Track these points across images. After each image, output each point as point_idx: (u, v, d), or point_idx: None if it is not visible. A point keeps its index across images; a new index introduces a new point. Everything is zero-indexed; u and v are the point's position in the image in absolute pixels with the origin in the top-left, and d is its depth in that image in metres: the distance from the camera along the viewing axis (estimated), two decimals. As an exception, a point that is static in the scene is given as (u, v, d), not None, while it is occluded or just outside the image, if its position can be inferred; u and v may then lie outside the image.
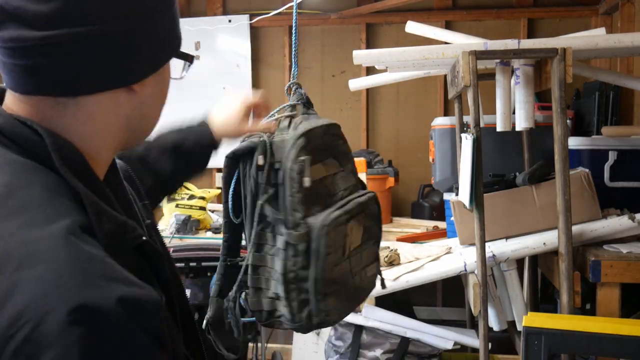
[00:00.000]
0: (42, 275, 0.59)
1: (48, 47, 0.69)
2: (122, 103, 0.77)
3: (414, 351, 2.44)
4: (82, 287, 0.59)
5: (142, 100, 0.79)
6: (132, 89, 0.77)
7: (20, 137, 0.71)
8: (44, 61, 0.70)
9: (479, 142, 2.03)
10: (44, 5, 0.68)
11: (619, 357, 1.80)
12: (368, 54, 2.54)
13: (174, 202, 3.57)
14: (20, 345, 0.56)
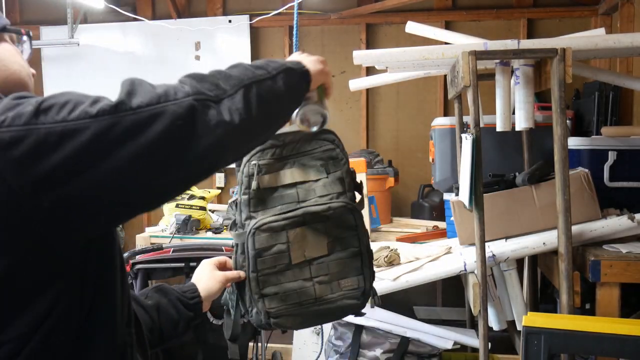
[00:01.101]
0: None
1: None
2: None
3: (414, 351, 2.44)
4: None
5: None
6: None
7: None
8: None
9: (479, 142, 2.03)
10: None
11: (619, 357, 1.80)
12: (368, 54, 2.55)
13: (174, 202, 3.57)
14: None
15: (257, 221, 1.27)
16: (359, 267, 1.33)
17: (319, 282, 1.30)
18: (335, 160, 1.35)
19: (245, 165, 1.29)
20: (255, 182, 1.28)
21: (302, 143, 1.32)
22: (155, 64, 4.57)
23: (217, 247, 2.72)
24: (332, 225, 1.30)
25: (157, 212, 4.18)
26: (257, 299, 1.28)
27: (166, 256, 2.63)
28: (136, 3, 4.70)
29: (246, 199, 1.30)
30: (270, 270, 1.28)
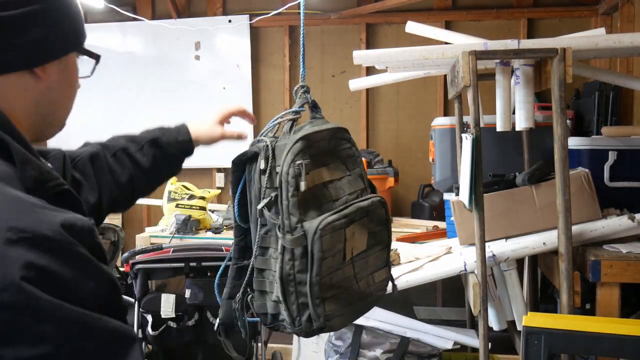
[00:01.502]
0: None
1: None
2: (29, 87, 0.85)
3: (414, 351, 2.44)
4: (17, 214, 0.65)
5: (48, 87, 0.87)
6: (35, 73, 0.85)
7: None
8: None
9: (479, 142, 2.03)
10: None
11: (619, 357, 1.80)
12: (368, 54, 2.55)
13: (174, 202, 3.58)
14: None
15: (320, 222, 1.21)
16: (386, 259, 1.37)
17: (360, 278, 1.30)
18: (353, 158, 1.37)
19: (290, 166, 1.23)
20: (303, 183, 1.23)
21: (324, 142, 1.32)
22: (155, 63, 4.57)
23: (217, 247, 2.72)
24: (370, 219, 1.33)
25: (157, 212, 4.18)
26: (318, 303, 1.22)
27: (166, 256, 2.63)
28: (136, 3, 4.70)
29: (295, 201, 1.22)
30: (330, 272, 1.23)
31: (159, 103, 4.47)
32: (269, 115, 3.61)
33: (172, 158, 1.39)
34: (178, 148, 1.39)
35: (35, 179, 0.73)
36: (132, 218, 4.72)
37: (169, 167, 1.42)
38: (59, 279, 0.63)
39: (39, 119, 0.88)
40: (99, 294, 0.68)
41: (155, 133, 1.39)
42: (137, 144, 1.35)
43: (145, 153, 1.35)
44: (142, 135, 1.38)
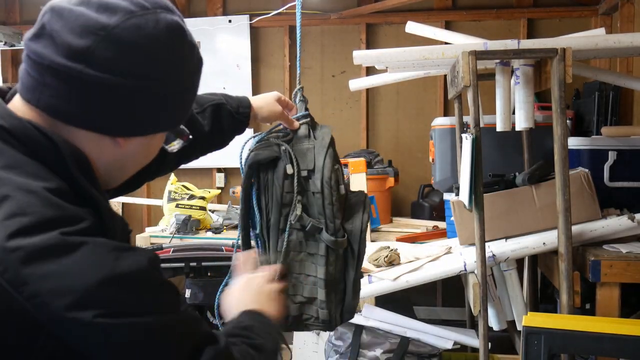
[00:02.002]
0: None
1: (59, 73, 0.76)
2: (106, 149, 0.84)
3: (414, 351, 2.44)
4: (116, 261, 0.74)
5: (124, 154, 0.86)
6: (117, 141, 0.84)
7: (31, 139, 0.77)
8: (52, 82, 0.77)
9: (479, 142, 2.03)
10: (77, 40, 0.76)
11: (619, 357, 1.80)
12: (368, 54, 2.55)
13: (174, 202, 3.57)
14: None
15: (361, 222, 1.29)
16: None
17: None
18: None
19: (332, 172, 1.27)
20: (343, 186, 1.29)
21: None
22: (155, 64, 4.56)
23: (217, 247, 2.72)
24: None
25: (157, 212, 4.18)
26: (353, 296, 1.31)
27: (166, 256, 2.63)
28: (136, 3, 4.70)
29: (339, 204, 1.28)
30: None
31: (159, 103, 4.46)
32: (269, 115, 3.60)
33: (228, 129, 1.33)
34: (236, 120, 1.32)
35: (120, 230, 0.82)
36: (132, 218, 4.72)
37: (222, 138, 1.34)
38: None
39: (103, 174, 0.87)
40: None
41: (220, 98, 1.32)
42: (200, 105, 1.29)
43: (207, 116, 1.29)
44: (206, 97, 1.31)
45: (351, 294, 1.30)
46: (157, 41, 0.80)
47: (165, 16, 0.82)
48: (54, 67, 0.76)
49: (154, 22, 0.80)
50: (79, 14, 0.77)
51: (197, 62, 0.89)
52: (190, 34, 0.88)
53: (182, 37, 0.85)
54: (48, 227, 0.72)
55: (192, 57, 0.88)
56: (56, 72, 0.76)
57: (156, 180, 4.40)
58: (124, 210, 4.75)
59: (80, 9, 0.77)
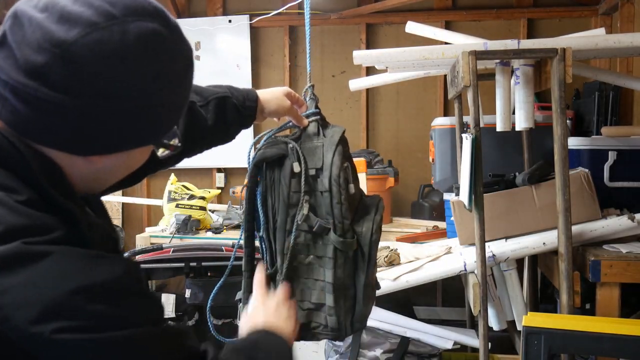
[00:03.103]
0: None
1: (18, 91, 0.71)
2: (79, 166, 0.79)
3: (414, 351, 2.44)
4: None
5: (98, 170, 0.80)
6: (89, 159, 0.78)
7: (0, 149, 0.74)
8: (12, 100, 0.72)
9: (478, 142, 2.03)
10: (34, 55, 0.70)
11: (619, 357, 1.80)
12: (368, 54, 2.55)
13: (174, 202, 3.58)
14: None
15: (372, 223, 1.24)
16: None
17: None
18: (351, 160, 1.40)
19: (340, 170, 1.22)
20: (352, 185, 1.24)
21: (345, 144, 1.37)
22: (155, 64, 4.56)
23: (217, 247, 2.72)
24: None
25: (157, 212, 4.18)
26: (367, 303, 1.24)
27: (166, 256, 2.63)
28: (136, 3, 4.70)
29: (348, 204, 1.22)
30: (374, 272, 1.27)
31: (159, 103, 4.46)
32: (269, 115, 3.60)
33: (233, 123, 1.25)
34: (241, 114, 1.25)
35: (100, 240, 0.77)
36: (132, 218, 4.72)
37: (227, 132, 1.27)
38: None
39: (81, 185, 0.82)
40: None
41: (225, 91, 1.24)
42: (204, 98, 1.21)
43: (210, 110, 1.21)
44: (210, 89, 1.23)
45: (362, 300, 1.22)
46: (121, 56, 0.71)
47: (138, 24, 0.73)
48: (13, 83, 0.71)
49: (120, 34, 0.71)
50: (37, 24, 0.70)
51: (182, 70, 0.81)
52: (174, 38, 0.78)
53: (157, 47, 0.75)
54: (11, 237, 0.67)
55: (172, 66, 0.78)
56: (14, 89, 0.71)
57: (156, 180, 4.41)
58: (124, 210, 4.74)
59: (41, 17, 0.71)
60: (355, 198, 1.26)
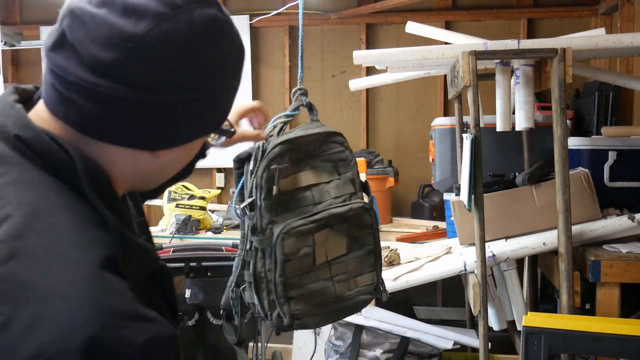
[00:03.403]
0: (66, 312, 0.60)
1: (86, 90, 0.69)
2: (144, 162, 0.76)
3: (414, 351, 2.44)
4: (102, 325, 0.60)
5: (163, 163, 0.78)
6: (156, 153, 0.76)
7: (49, 153, 0.70)
8: (78, 100, 0.69)
9: (478, 141, 2.03)
10: (102, 52, 0.67)
11: (619, 357, 1.80)
12: (368, 54, 2.55)
13: (174, 202, 3.57)
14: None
15: (284, 226, 1.26)
16: (373, 264, 1.38)
17: (338, 281, 1.33)
18: (345, 162, 1.37)
19: (265, 170, 1.27)
20: (276, 187, 1.27)
21: (314, 146, 1.33)
22: (155, 64, 4.56)
23: (217, 247, 2.72)
24: (351, 225, 1.33)
25: (157, 212, 4.18)
26: (283, 302, 1.27)
27: (166, 256, 2.63)
28: (136, 3, 4.69)
29: (267, 204, 1.27)
30: (296, 273, 1.28)
31: (159, 103, 4.46)
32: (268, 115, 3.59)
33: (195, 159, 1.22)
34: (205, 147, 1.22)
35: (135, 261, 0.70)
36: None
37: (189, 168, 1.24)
38: None
39: (138, 183, 0.80)
40: None
41: None
42: None
43: None
44: None
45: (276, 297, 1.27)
46: (192, 47, 0.70)
47: (200, 12, 0.71)
48: (79, 82, 0.68)
49: (187, 23, 0.70)
50: (102, 20, 0.68)
51: (238, 54, 0.79)
52: (230, 22, 0.76)
53: (221, 32, 0.74)
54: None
55: (232, 51, 0.77)
56: (82, 89, 0.68)
57: (156, 180, 4.32)
58: (124, 210, 4.74)
59: (103, 12, 0.68)
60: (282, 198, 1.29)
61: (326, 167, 1.35)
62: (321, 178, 1.33)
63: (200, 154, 1.13)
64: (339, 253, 1.33)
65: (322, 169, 1.34)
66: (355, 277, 1.36)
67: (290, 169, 1.30)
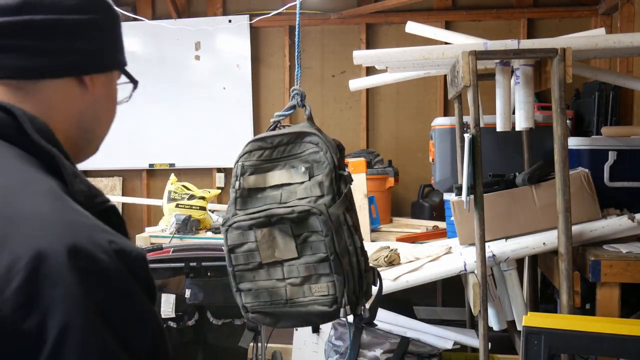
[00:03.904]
0: (32, 226, 0.61)
1: (8, 32, 0.76)
2: (76, 96, 0.83)
3: (414, 351, 2.44)
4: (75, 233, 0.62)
5: (94, 99, 0.85)
6: (83, 82, 0.83)
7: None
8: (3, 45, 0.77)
9: (477, 141, 2.03)
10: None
11: (619, 357, 1.80)
12: (368, 54, 2.55)
13: (174, 202, 3.58)
14: (21, 284, 0.57)
15: (228, 219, 1.37)
16: (329, 274, 1.31)
17: (290, 284, 1.34)
18: (319, 164, 1.34)
19: (235, 166, 1.37)
20: (238, 182, 1.37)
21: (292, 146, 1.35)
22: (155, 64, 4.57)
23: (217, 247, 2.72)
24: (297, 228, 1.31)
25: (157, 212, 4.18)
26: (235, 292, 1.39)
27: (166, 256, 2.63)
28: (136, 3, 4.70)
29: (233, 197, 1.39)
30: (244, 267, 1.36)
31: (159, 103, 4.47)
32: (268, 115, 3.59)
33: None
34: None
35: (85, 194, 0.70)
36: (132, 218, 4.72)
37: None
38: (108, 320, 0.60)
39: (79, 133, 0.85)
40: (143, 345, 0.63)
41: None
42: None
43: None
44: None
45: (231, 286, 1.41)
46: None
47: None
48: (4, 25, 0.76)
49: None
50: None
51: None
52: None
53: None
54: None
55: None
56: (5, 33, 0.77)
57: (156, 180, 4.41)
58: (124, 210, 4.75)
59: None
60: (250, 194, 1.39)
61: (301, 169, 1.35)
62: (294, 179, 1.36)
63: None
64: (289, 255, 1.32)
65: (297, 170, 1.36)
66: (310, 285, 1.32)
67: (262, 166, 1.36)
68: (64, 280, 0.58)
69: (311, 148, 1.35)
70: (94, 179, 4.62)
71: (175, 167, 4.46)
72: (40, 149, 0.72)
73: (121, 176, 4.76)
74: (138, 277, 0.64)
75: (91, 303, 0.58)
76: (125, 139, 4.30)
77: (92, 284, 0.59)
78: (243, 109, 4.52)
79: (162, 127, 4.55)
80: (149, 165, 4.62)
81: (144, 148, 4.60)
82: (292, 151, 1.35)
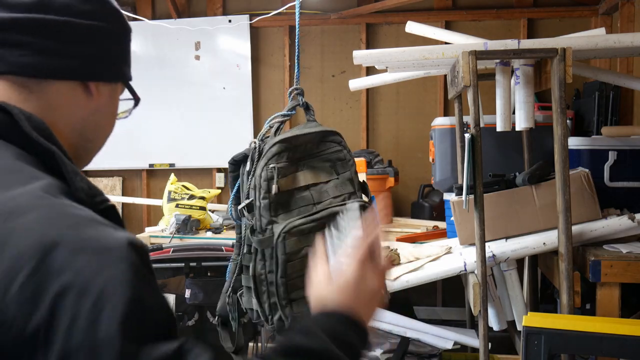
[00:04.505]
0: (34, 220, 0.61)
1: (20, 28, 0.76)
2: (80, 102, 0.82)
3: (414, 351, 2.44)
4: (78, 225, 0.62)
5: (97, 107, 0.85)
6: (89, 89, 0.83)
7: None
8: (14, 40, 0.76)
9: (477, 141, 2.03)
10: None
11: (619, 357, 1.80)
12: (368, 54, 2.54)
13: (174, 202, 3.57)
14: (27, 278, 0.58)
15: (285, 225, 1.25)
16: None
17: None
18: (343, 162, 1.36)
19: (263, 170, 1.28)
20: (275, 186, 1.27)
21: (311, 145, 1.33)
22: (155, 64, 4.57)
23: (217, 247, 2.72)
24: None
25: (157, 212, 4.18)
26: (285, 304, 1.26)
27: (166, 256, 2.63)
28: (136, 3, 4.70)
29: (267, 203, 1.28)
30: (298, 274, 1.25)
31: (159, 103, 4.47)
32: (269, 115, 3.58)
33: None
34: None
35: (86, 192, 0.70)
36: (132, 218, 4.72)
37: None
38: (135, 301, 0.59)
39: (81, 142, 0.85)
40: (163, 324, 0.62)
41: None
42: None
43: None
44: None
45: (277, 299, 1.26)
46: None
47: None
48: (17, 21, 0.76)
49: None
50: None
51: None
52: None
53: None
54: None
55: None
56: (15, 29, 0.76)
57: (156, 180, 4.42)
58: (124, 210, 4.75)
59: None
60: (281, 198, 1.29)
61: (324, 167, 1.34)
62: (320, 178, 1.33)
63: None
64: None
65: (321, 169, 1.34)
66: None
67: (289, 168, 1.30)
68: (71, 270, 0.58)
69: (334, 147, 1.36)
70: (94, 179, 4.61)
71: (175, 167, 4.47)
72: (39, 147, 0.71)
73: (121, 176, 4.76)
74: (149, 267, 0.64)
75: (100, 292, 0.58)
76: (125, 139, 4.30)
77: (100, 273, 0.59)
78: (243, 109, 4.52)
79: (162, 127, 4.55)
80: (149, 165, 4.62)
81: (144, 148, 4.60)
82: (312, 150, 1.34)
